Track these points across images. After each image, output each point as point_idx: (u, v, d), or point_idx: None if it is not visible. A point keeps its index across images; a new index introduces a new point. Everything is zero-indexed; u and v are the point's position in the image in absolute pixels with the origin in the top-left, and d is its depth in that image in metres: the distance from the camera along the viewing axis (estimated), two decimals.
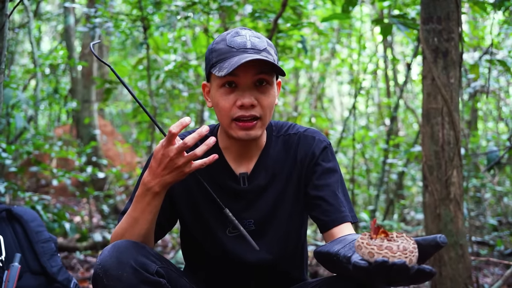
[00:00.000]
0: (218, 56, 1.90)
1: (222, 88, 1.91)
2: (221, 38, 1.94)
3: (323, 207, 1.96)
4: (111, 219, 5.93)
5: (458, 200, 3.11)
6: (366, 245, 1.50)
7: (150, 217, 1.90)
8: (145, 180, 1.86)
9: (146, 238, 1.93)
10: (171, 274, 1.92)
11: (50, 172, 5.35)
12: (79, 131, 7.07)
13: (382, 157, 5.69)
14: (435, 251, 1.50)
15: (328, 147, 2.06)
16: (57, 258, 2.64)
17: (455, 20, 3.12)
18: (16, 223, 2.63)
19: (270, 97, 1.93)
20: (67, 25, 6.84)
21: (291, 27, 4.11)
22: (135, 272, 1.75)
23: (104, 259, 1.77)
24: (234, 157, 2.06)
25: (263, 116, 1.92)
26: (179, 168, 1.81)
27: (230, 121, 1.91)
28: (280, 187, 2.04)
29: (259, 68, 1.88)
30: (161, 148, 1.80)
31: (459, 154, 3.11)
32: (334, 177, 2.01)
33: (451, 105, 3.08)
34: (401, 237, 1.52)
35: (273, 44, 1.98)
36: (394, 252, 1.45)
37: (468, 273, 3.13)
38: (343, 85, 10.99)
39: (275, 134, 2.10)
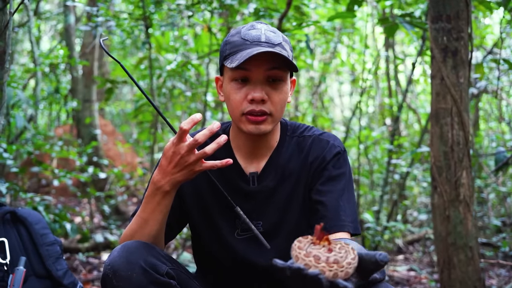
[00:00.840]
0: (231, 48, 1.87)
1: (234, 82, 1.87)
2: (237, 31, 1.91)
3: (321, 212, 1.90)
4: (112, 219, 5.88)
5: (467, 201, 3.07)
6: (296, 248, 1.43)
7: (160, 217, 1.85)
8: (155, 179, 1.81)
9: (156, 239, 1.89)
10: (181, 276, 1.89)
11: (51, 172, 5.30)
12: (79, 131, 7.02)
13: (386, 158, 5.64)
14: (376, 268, 1.42)
15: (341, 153, 1.99)
16: (62, 261, 2.59)
17: (465, 19, 3.08)
18: (20, 225, 2.58)
19: (282, 93, 1.88)
20: (68, 24, 6.79)
21: (296, 26, 4.06)
22: (144, 272, 1.72)
23: (114, 259, 1.74)
24: (245, 156, 2.02)
25: (273, 112, 1.88)
26: (190, 166, 1.77)
27: (241, 115, 1.88)
28: (290, 189, 1.99)
29: (272, 63, 1.84)
30: (172, 146, 1.76)
31: (469, 155, 3.07)
32: (340, 184, 1.94)
33: (460, 105, 3.04)
34: (343, 250, 1.45)
35: (289, 40, 1.94)
36: (318, 262, 1.38)
37: (478, 275, 3.09)
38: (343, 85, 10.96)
39: (289, 134, 2.05)
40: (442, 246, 3.13)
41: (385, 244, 5.59)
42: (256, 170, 2.01)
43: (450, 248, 3.09)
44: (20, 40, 10.50)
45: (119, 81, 5.50)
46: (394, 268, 4.85)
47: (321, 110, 9.20)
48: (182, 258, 4.52)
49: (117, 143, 8.72)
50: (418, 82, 8.83)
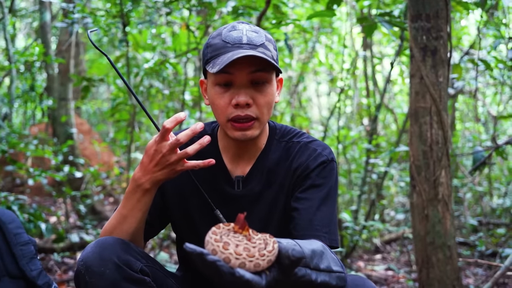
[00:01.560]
0: (212, 51, 1.82)
1: (217, 86, 1.83)
2: (218, 32, 1.86)
3: (295, 220, 1.85)
4: (88, 219, 5.81)
5: (446, 200, 3.07)
6: (211, 233, 1.41)
7: (140, 214, 1.83)
8: (136, 176, 1.78)
9: (134, 237, 1.85)
10: (157, 273, 1.85)
11: (26, 171, 5.22)
12: (55, 130, 6.91)
13: (364, 157, 5.65)
14: (290, 264, 1.40)
15: (327, 163, 1.92)
16: (36, 261, 2.53)
17: (444, 18, 3.09)
18: None
19: (268, 95, 1.83)
20: (43, 21, 6.69)
21: (275, 24, 4.03)
22: (118, 268, 1.69)
23: (87, 255, 1.71)
24: (231, 158, 1.98)
25: (259, 116, 1.83)
26: (171, 166, 1.75)
27: (226, 121, 1.84)
28: (274, 195, 1.95)
29: (255, 65, 1.79)
30: (154, 144, 1.73)
31: (448, 154, 3.08)
32: (321, 193, 1.88)
33: (440, 104, 3.05)
34: (262, 241, 1.42)
35: (273, 39, 1.89)
36: (226, 248, 1.36)
37: (456, 275, 3.09)
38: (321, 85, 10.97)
39: (277, 138, 2.01)
40: (420, 245, 3.14)
41: (363, 244, 5.59)
42: (242, 174, 1.98)
43: (428, 247, 3.09)
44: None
45: (96, 79, 5.43)
46: (372, 267, 4.86)
47: (299, 109, 9.20)
48: (159, 258, 4.48)
49: (93, 142, 8.63)
50: (395, 83, 8.86)
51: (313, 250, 1.53)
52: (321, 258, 1.56)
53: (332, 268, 1.61)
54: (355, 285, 1.71)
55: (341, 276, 1.65)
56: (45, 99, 6.80)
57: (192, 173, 1.88)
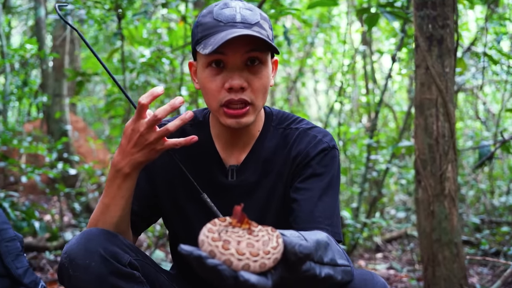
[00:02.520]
0: (203, 31, 1.68)
1: (209, 68, 1.69)
2: (208, 10, 1.72)
3: (295, 212, 1.71)
4: (83, 217, 5.68)
5: (453, 196, 2.95)
6: (206, 231, 1.23)
7: (122, 202, 1.69)
8: (115, 161, 1.65)
9: (120, 227, 1.72)
10: (148, 268, 1.72)
11: (19, 168, 5.09)
12: (49, 127, 6.79)
13: (365, 154, 5.54)
14: (297, 260, 1.25)
15: (328, 150, 1.78)
16: (23, 258, 2.40)
17: (451, 6, 2.96)
18: None
19: (263, 78, 1.70)
20: (38, 17, 6.57)
21: (275, 13, 3.92)
22: (104, 261, 1.55)
23: (71, 247, 1.58)
24: (224, 146, 1.84)
25: (254, 100, 1.69)
26: (151, 145, 1.62)
27: (218, 107, 1.69)
28: (271, 186, 1.81)
29: (249, 45, 1.65)
30: (131, 123, 1.61)
31: (455, 147, 2.96)
32: (322, 182, 1.74)
33: (446, 96, 2.92)
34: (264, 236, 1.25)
35: (267, 17, 1.75)
36: (227, 248, 1.19)
37: (463, 273, 2.97)
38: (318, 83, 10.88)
39: (274, 125, 1.87)
40: (426, 243, 3.01)
41: (363, 242, 5.48)
42: (236, 163, 1.84)
43: (434, 244, 2.97)
44: None
45: (90, 74, 5.30)
46: (373, 266, 4.74)
47: (298, 107, 9.09)
48: (155, 256, 4.37)
49: (88, 139, 8.49)
50: (394, 82, 8.76)
51: (317, 242, 1.38)
52: (326, 250, 1.42)
53: (337, 261, 1.47)
54: (363, 280, 1.59)
55: (346, 270, 1.52)
56: (39, 96, 6.69)
57: (181, 161, 1.76)
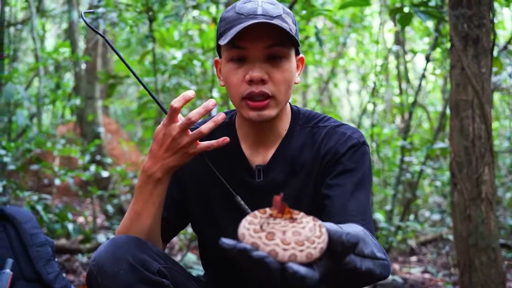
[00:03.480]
0: (225, 24, 1.67)
1: (231, 62, 1.68)
2: (232, 6, 1.71)
3: (328, 208, 1.67)
4: (116, 219, 5.72)
5: (490, 199, 2.87)
6: (247, 223, 1.16)
7: (153, 209, 1.67)
8: (146, 167, 1.63)
9: (150, 235, 1.70)
10: (177, 275, 1.68)
11: (52, 170, 5.14)
12: (82, 129, 6.86)
13: (399, 155, 5.46)
14: (343, 250, 1.17)
15: (358, 146, 1.75)
16: (54, 263, 2.41)
17: (487, 5, 2.88)
18: (8, 224, 2.40)
19: (285, 72, 1.67)
20: (71, 20, 6.64)
21: (307, 14, 3.88)
22: (133, 269, 1.53)
23: (99, 255, 1.56)
24: (251, 145, 1.82)
25: (276, 93, 1.67)
26: (183, 149, 1.59)
27: (240, 100, 1.68)
28: (300, 185, 1.77)
29: (270, 39, 1.63)
30: (163, 127, 1.58)
31: (491, 149, 2.87)
32: (353, 178, 1.70)
33: (482, 97, 2.84)
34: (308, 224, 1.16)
35: (292, 13, 1.72)
36: (271, 239, 1.11)
37: (501, 278, 2.89)
38: (351, 84, 10.79)
39: (301, 124, 1.83)
40: (462, 247, 2.94)
41: (397, 245, 5.40)
42: (262, 162, 1.81)
43: (471, 249, 2.89)
44: (24, 38, 10.37)
45: (122, 77, 5.33)
46: (408, 270, 4.66)
47: (330, 108, 9.02)
48: (187, 259, 4.35)
49: (121, 141, 8.55)
50: (428, 82, 8.64)
51: (356, 233, 1.32)
52: (365, 243, 1.37)
53: (376, 254, 1.42)
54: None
55: (384, 264, 1.47)
56: (73, 98, 6.75)
57: (209, 162, 1.73)
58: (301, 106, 8.04)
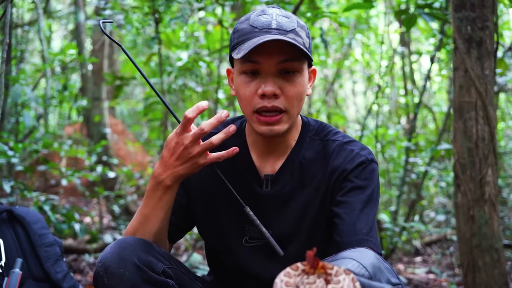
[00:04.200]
0: (239, 37, 1.68)
1: (243, 75, 1.69)
2: (246, 17, 1.72)
3: (338, 226, 1.69)
4: (122, 220, 5.75)
5: (493, 200, 2.90)
6: (284, 285, 1.15)
7: (162, 214, 1.71)
8: (156, 173, 1.67)
9: (158, 238, 1.74)
10: (182, 276, 1.73)
11: (59, 171, 5.18)
12: (89, 130, 6.91)
13: (403, 156, 5.47)
14: None
15: (366, 164, 1.76)
16: (62, 263, 2.45)
17: (490, 7, 2.91)
18: (17, 225, 2.44)
19: (298, 86, 1.68)
20: (77, 21, 6.69)
21: (311, 17, 3.90)
22: (138, 270, 1.58)
23: (105, 256, 1.61)
24: (260, 155, 1.84)
25: (288, 108, 1.68)
26: (194, 159, 1.63)
27: (252, 113, 1.69)
28: (307, 197, 1.80)
29: (283, 54, 1.64)
30: (175, 136, 1.62)
31: (494, 151, 2.90)
32: (362, 195, 1.73)
33: (485, 99, 2.87)
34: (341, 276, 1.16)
35: (306, 26, 1.73)
36: None
37: (504, 279, 2.91)
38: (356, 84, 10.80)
39: (310, 136, 1.85)
40: (466, 248, 2.96)
41: (402, 246, 5.41)
42: (271, 172, 1.83)
43: (474, 250, 2.92)
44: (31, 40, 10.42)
45: (128, 78, 5.36)
46: (412, 270, 4.68)
47: (335, 108, 9.04)
48: (192, 259, 4.38)
49: (127, 142, 8.60)
50: (434, 82, 8.64)
51: (372, 264, 1.38)
52: (380, 271, 1.41)
53: (391, 280, 1.45)
54: None
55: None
56: (79, 99, 6.80)
57: (220, 173, 1.75)
58: (306, 106, 8.07)
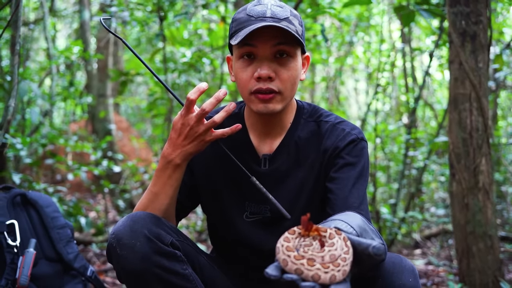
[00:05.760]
0: (237, 25, 1.82)
1: (241, 60, 1.83)
2: (243, 8, 1.87)
3: (331, 200, 1.83)
4: (127, 213, 5.84)
5: (487, 189, 3.00)
6: (285, 249, 1.31)
7: (171, 191, 1.84)
8: (166, 153, 1.80)
9: (166, 214, 1.87)
10: (188, 248, 1.86)
11: (66, 165, 5.28)
12: (94, 126, 7.01)
13: (403, 150, 5.57)
14: (370, 261, 1.36)
15: (357, 141, 1.90)
16: (73, 244, 2.56)
17: (484, 2, 3.01)
18: (31, 208, 2.56)
19: (291, 70, 1.82)
20: (82, 20, 6.80)
21: (312, 12, 4.01)
22: (148, 241, 1.69)
23: (118, 228, 1.72)
24: (258, 135, 1.97)
25: (282, 90, 1.82)
26: (200, 137, 1.76)
27: (249, 94, 1.83)
28: (303, 175, 1.93)
29: (277, 38, 1.78)
30: (180, 118, 1.75)
31: (488, 141, 3.00)
32: (353, 171, 1.86)
33: (479, 90, 2.97)
34: (335, 238, 1.33)
35: (299, 15, 1.88)
36: (312, 264, 1.27)
37: (498, 265, 3.02)
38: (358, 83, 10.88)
39: (305, 118, 1.99)
40: (460, 235, 3.07)
41: (402, 238, 5.51)
42: (269, 151, 1.97)
43: (469, 236, 3.02)
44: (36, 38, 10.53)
45: (133, 74, 5.47)
46: (411, 262, 4.78)
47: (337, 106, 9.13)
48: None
49: (131, 138, 8.70)
50: (434, 80, 8.72)
51: (359, 225, 1.50)
52: (367, 233, 1.53)
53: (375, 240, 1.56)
54: (391, 262, 1.67)
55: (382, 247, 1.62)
56: (84, 96, 6.90)
57: (218, 151, 1.89)
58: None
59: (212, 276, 1.95)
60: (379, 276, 1.63)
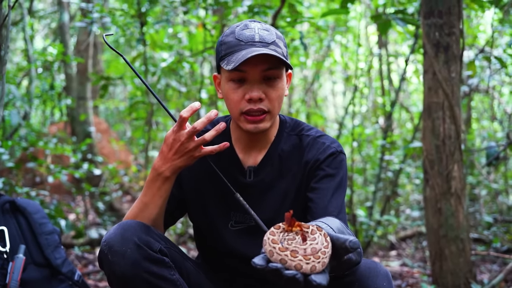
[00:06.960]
0: (227, 49, 1.92)
1: (231, 82, 1.93)
2: (231, 30, 1.96)
3: (312, 209, 1.95)
4: (107, 215, 5.90)
5: (459, 194, 3.12)
6: (271, 242, 1.46)
7: (160, 202, 1.94)
8: (156, 165, 1.90)
9: (155, 223, 1.97)
10: (175, 255, 1.96)
11: (46, 168, 5.31)
12: (74, 129, 7.01)
13: (379, 154, 5.69)
14: (346, 253, 1.50)
15: (336, 154, 2.02)
16: (61, 250, 2.63)
17: (456, 15, 3.13)
18: (19, 214, 2.63)
19: (279, 90, 1.94)
20: (62, 22, 6.79)
21: (291, 21, 4.10)
22: (138, 248, 1.79)
23: (109, 236, 1.82)
24: (244, 149, 2.08)
25: (271, 109, 1.94)
26: (190, 152, 1.86)
27: (239, 115, 1.94)
28: (286, 186, 2.05)
29: (267, 63, 1.89)
30: (172, 133, 1.85)
31: (460, 148, 3.13)
32: (332, 182, 1.98)
33: (452, 99, 3.10)
34: (316, 235, 1.48)
35: (282, 36, 1.99)
36: (295, 255, 1.42)
37: (469, 267, 3.14)
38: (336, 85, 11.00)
39: (287, 131, 2.11)
40: (433, 238, 3.19)
41: (378, 240, 5.63)
42: (254, 164, 2.07)
43: (441, 240, 3.14)
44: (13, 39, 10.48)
45: (114, 78, 5.52)
46: (386, 263, 4.90)
47: (315, 108, 9.24)
48: None
49: (111, 140, 8.72)
50: (410, 83, 8.86)
51: (337, 228, 1.63)
52: (344, 234, 1.64)
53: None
54: (367, 268, 1.78)
55: (359, 251, 1.68)
56: (63, 99, 6.91)
57: (207, 164, 1.98)
58: (286, 106, 8.26)
59: (198, 281, 2.05)
60: (355, 280, 1.75)
